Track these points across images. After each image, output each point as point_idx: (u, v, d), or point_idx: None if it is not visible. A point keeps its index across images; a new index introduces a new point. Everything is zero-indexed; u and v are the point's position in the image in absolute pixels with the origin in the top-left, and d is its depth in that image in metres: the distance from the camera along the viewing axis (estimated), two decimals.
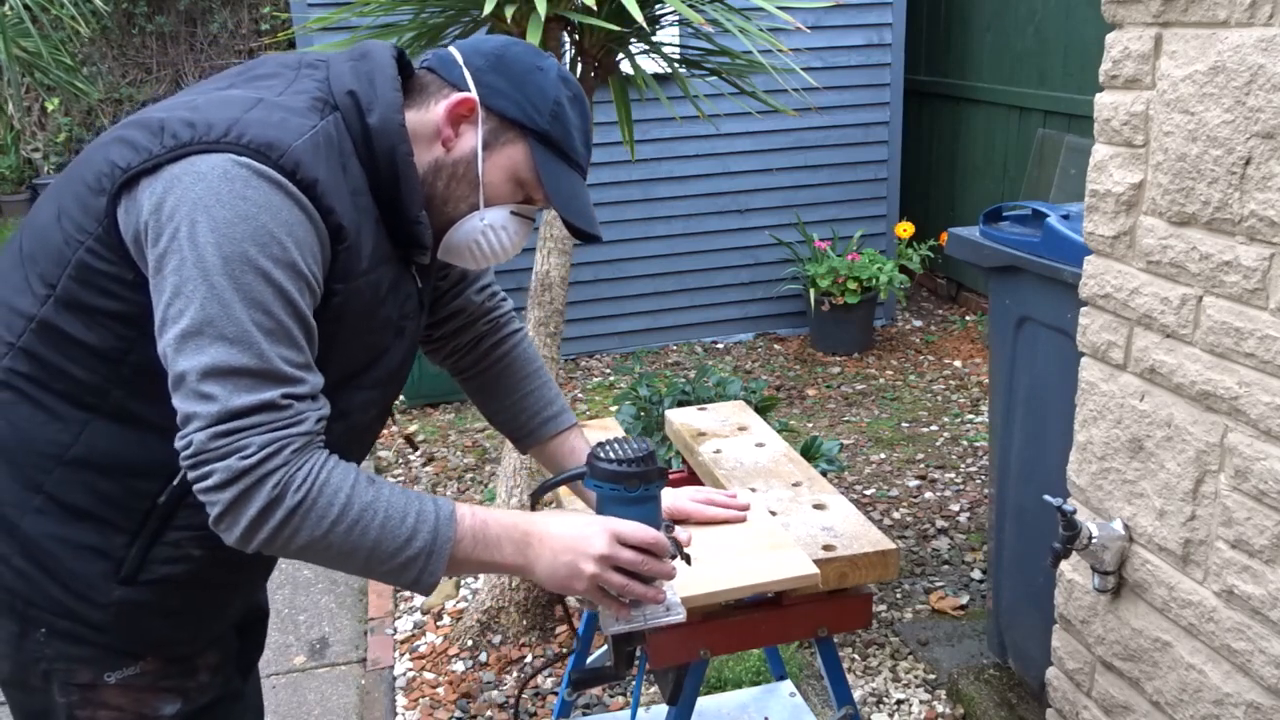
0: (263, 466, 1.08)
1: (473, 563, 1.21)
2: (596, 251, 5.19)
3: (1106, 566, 1.81)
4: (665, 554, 1.26)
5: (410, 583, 1.17)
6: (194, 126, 1.11)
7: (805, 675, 2.71)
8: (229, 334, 1.08)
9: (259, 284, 1.08)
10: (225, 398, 1.07)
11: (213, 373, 1.07)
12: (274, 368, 1.10)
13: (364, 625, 3.08)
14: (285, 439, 1.09)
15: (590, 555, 1.21)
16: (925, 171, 6.27)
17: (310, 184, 1.12)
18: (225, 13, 9.56)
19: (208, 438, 1.07)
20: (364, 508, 1.13)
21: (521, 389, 1.61)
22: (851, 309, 5.15)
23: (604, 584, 1.23)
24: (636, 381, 3.36)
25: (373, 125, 1.20)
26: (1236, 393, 1.52)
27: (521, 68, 1.27)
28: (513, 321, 1.63)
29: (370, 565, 1.15)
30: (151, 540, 1.23)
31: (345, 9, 2.69)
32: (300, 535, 1.11)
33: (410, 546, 1.15)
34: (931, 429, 4.36)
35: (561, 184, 1.29)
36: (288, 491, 1.09)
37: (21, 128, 9.36)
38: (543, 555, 1.22)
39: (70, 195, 1.18)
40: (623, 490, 1.27)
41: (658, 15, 2.77)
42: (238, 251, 1.07)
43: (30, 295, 1.19)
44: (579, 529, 1.23)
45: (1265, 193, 1.44)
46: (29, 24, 6.11)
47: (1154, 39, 1.62)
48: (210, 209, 1.07)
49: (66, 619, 1.25)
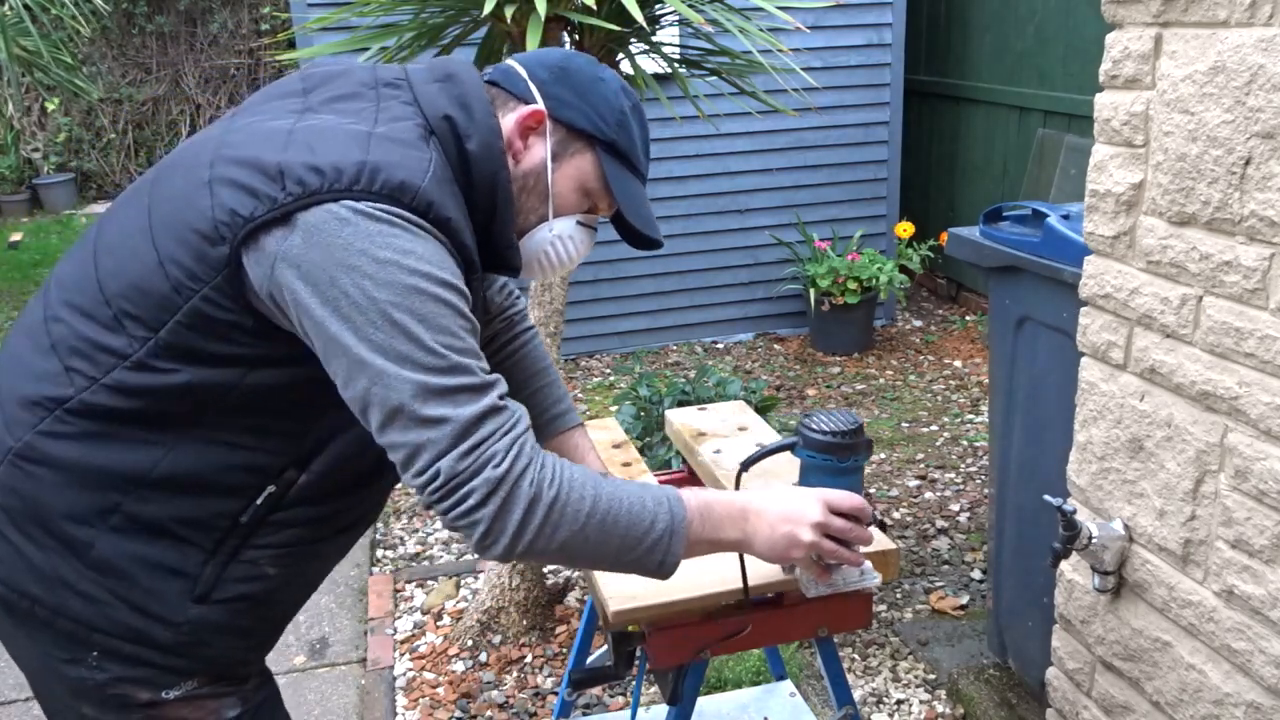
0: (514, 467, 1.10)
1: (701, 543, 1.23)
2: (596, 251, 5.16)
3: (1106, 566, 1.81)
4: (869, 520, 1.32)
5: (654, 567, 1.19)
6: (321, 173, 1.10)
7: (805, 675, 2.71)
8: (429, 363, 1.08)
9: (435, 308, 1.09)
10: (455, 414, 1.09)
11: (431, 395, 1.08)
12: (480, 379, 1.12)
13: (364, 625, 3.08)
14: (521, 438, 1.12)
15: (808, 523, 1.26)
16: (925, 171, 6.27)
17: (444, 222, 1.14)
18: (225, 13, 9.56)
19: (456, 459, 1.08)
20: (610, 498, 1.15)
21: (530, 386, 1.61)
22: (851, 309, 5.15)
23: (818, 550, 1.29)
24: (636, 381, 3.36)
25: (473, 151, 1.21)
26: (1236, 393, 1.52)
27: (585, 79, 1.29)
28: (526, 319, 1.64)
29: (621, 553, 1.17)
30: (229, 558, 1.23)
31: (345, 9, 2.69)
32: (560, 531, 1.13)
33: (654, 530, 1.17)
34: (931, 429, 4.36)
35: (630, 192, 1.31)
36: (544, 487, 1.11)
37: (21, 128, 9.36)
38: (760, 529, 1.26)
39: (174, 239, 1.14)
40: (834, 461, 1.34)
41: (658, 15, 2.77)
42: (404, 285, 1.08)
43: (124, 335, 1.16)
44: (794, 500, 1.28)
45: (1265, 193, 1.44)
46: (29, 23, 6.11)
47: (1154, 39, 1.62)
48: (365, 251, 1.07)
49: (133, 642, 1.23)
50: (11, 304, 6.59)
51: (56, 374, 1.19)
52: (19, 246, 7.99)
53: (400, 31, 2.70)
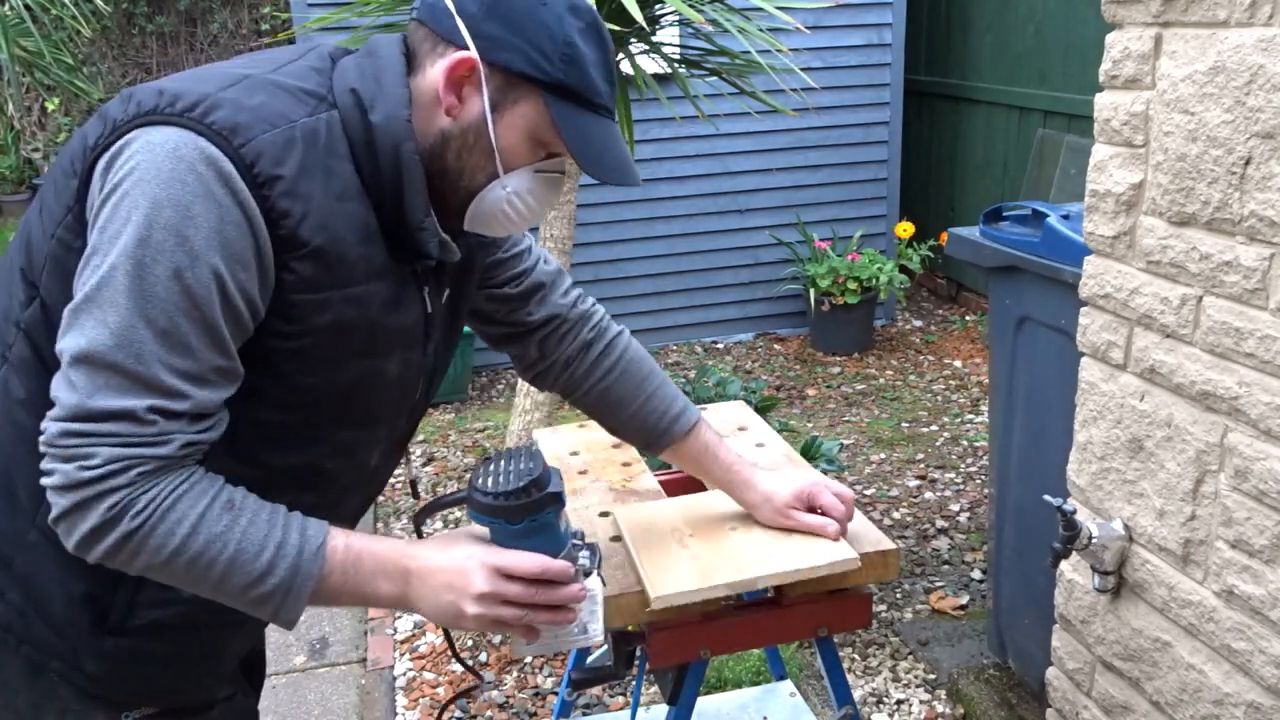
0: (103, 484, 0.99)
1: (346, 597, 1.11)
2: (596, 251, 5.19)
3: (1106, 566, 1.81)
4: (565, 579, 1.14)
5: (269, 616, 1.08)
6: (161, 94, 1.02)
7: (805, 675, 2.71)
8: (112, 322, 0.98)
9: (165, 278, 0.98)
10: (86, 393, 0.98)
11: (83, 360, 0.98)
12: (150, 373, 0.99)
13: (364, 625, 3.08)
14: (136, 459, 0.99)
15: (471, 595, 1.10)
16: (925, 171, 6.27)
17: (267, 180, 1.02)
18: (225, 13, 9.56)
19: (59, 432, 0.99)
20: (210, 540, 1.02)
21: (644, 391, 1.50)
22: (851, 309, 5.15)
23: (495, 619, 1.12)
24: None
25: (376, 123, 1.09)
26: (1236, 393, 1.52)
27: (521, 8, 1.10)
28: (614, 323, 1.53)
29: (223, 597, 1.07)
30: (140, 581, 1.12)
31: (345, 9, 2.69)
32: (138, 560, 1.02)
33: (264, 583, 1.05)
34: (931, 429, 4.36)
35: (588, 137, 1.14)
36: (125, 516, 0.99)
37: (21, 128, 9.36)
38: (424, 594, 1.11)
39: (50, 183, 1.09)
40: (504, 524, 1.14)
41: (658, 15, 2.78)
42: (154, 238, 0.98)
43: (16, 300, 1.10)
44: (458, 564, 1.11)
45: (1265, 193, 1.44)
46: (29, 24, 6.11)
47: (1154, 39, 1.62)
48: (146, 182, 0.98)
49: (61, 660, 1.17)
50: None
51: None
52: None
53: (401, 31, 2.70)
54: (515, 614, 1.13)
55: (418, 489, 4.00)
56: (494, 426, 4.49)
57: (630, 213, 5.21)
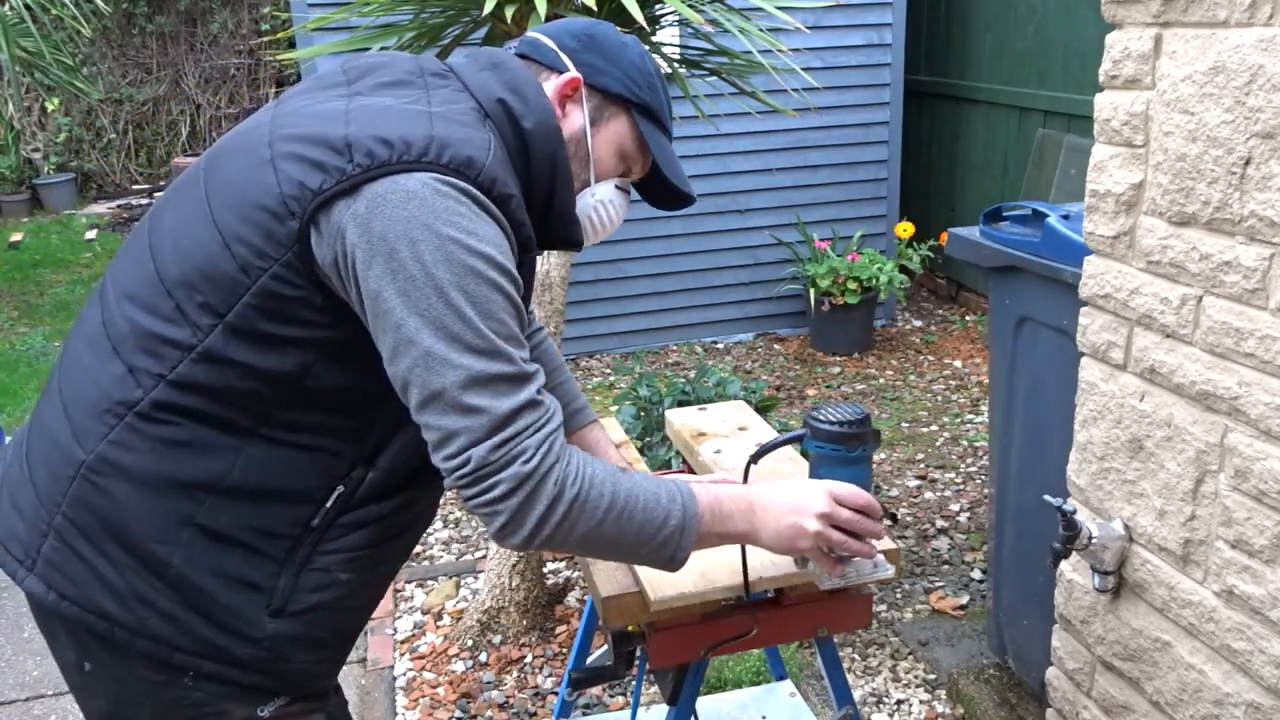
0: (543, 465, 1.11)
1: (711, 536, 1.26)
2: (596, 251, 5.19)
3: (1106, 566, 1.81)
4: (878, 514, 1.32)
5: (666, 560, 1.22)
6: (390, 144, 1.10)
7: (805, 675, 2.71)
8: (477, 346, 1.10)
9: (488, 292, 1.11)
10: (493, 406, 1.10)
11: (473, 383, 1.09)
12: (522, 369, 1.13)
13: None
14: (552, 435, 1.14)
15: (813, 514, 1.27)
16: (925, 171, 6.27)
17: (506, 199, 1.15)
18: (225, 13, 9.56)
19: (489, 450, 1.09)
20: (628, 495, 1.17)
21: (549, 383, 1.60)
22: (851, 309, 5.15)
23: (825, 541, 1.29)
24: (636, 381, 3.36)
25: (530, 130, 1.23)
26: (1236, 393, 1.52)
27: (612, 45, 1.33)
28: (534, 318, 1.64)
29: (636, 547, 1.20)
30: (302, 566, 1.22)
31: (345, 9, 2.69)
32: (579, 526, 1.15)
33: (667, 526, 1.20)
34: (931, 429, 4.36)
35: (665, 152, 1.36)
36: (567, 485, 1.13)
37: (21, 128, 9.36)
38: (768, 522, 1.27)
39: (239, 219, 1.13)
40: (843, 451, 1.36)
41: (658, 15, 2.78)
42: (463, 265, 1.09)
43: (187, 325, 1.15)
44: (800, 493, 1.29)
45: (1265, 193, 1.44)
46: (29, 24, 6.11)
47: (1154, 39, 1.62)
48: (429, 226, 1.08)
49: (214, 660, 1.22)
50: (11, 304, 6.58)
51: (121, 377, 1.17)
52: (19, 246, 8.00)
53: (401, 31, 2.70)
54: (840, 538, 1.30)
55: None
56: None
57: (630, 213, 5.18)
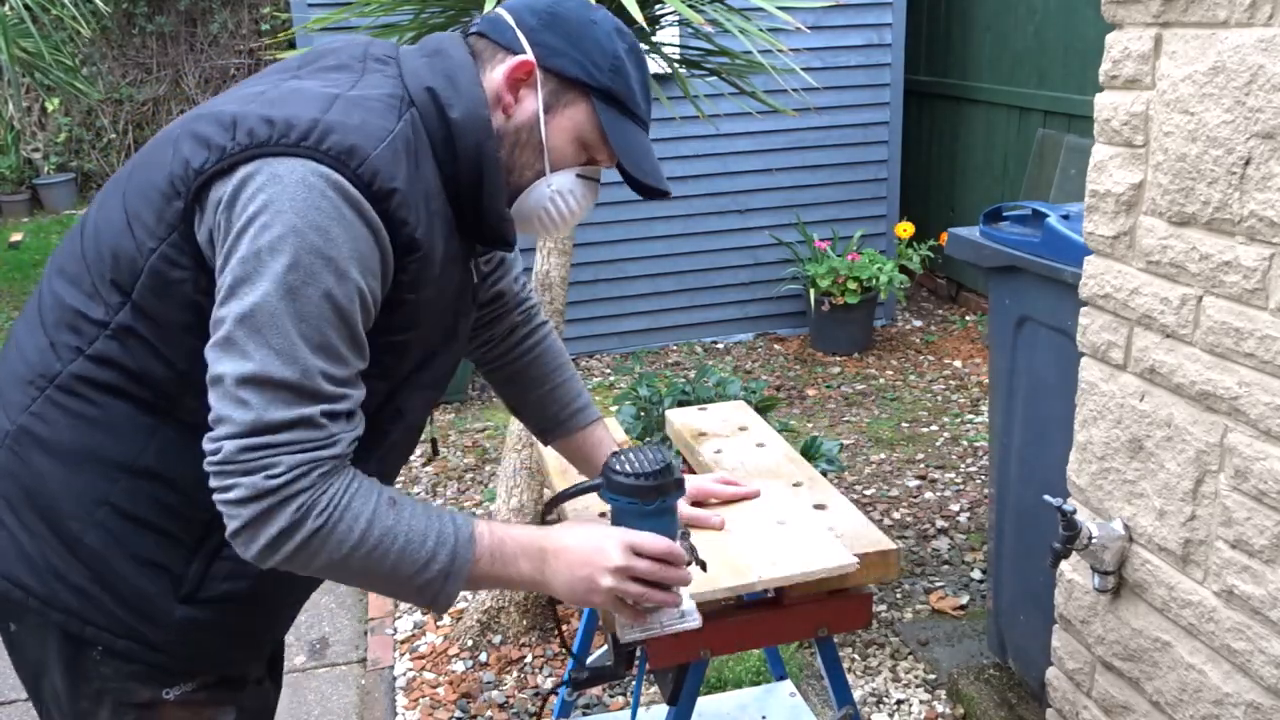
0: (289, 488, 1.06)
1: (490, 579, 1.21)
2: (596, 251, 5.19)
3: (1106, 566, 1.81)
4: (681, 562, 1.26)
5: (427, 602, 1.18)
6: (272, 124, 1.08)
7: (805, 675, 2.71)
8: (275, 344, 1.06)
9: (316, 299, 1.07)
10: (261, 408, 1.05)
11: (252, 381, 1.05)
12: (315, 384, 1.08)
13: (364, 625, 3.08)
14: (315, 461, 1.08)
15: (606, 568, 1.21)
16: (925, 171, 6.27)
17: (386, 194, 1.10)
18: (225, 13, 9.56)
19: (237, 449, 1.06)
20: (384, 533, 1.12)
21: (552, 380, 1.60)
22: (851, 309, 5.15)
23: (621, 595, 1.23)
24: (636, 381, 3.36)
25: (456, 120, 1.18)
26: (1236, 393, 1.52)
27: (576, 23, 1.23)
28: (542, 312, 1.62)
29: (388, 586, 1.16)
30: (214, 555, 1.21)
31: (346, 9, 2.69)
32: (319, 558, 1.10)
33: (429, 570, 1.14)
34: (931, 429, 4.36)
35: (629, 142, 1.25)
36: (309, 516, 1.08)
37: (21, 128, 9.36)
38: (560, 571, 1.21)
39: (140, 197, 1.14)
40: (639, 504, 1.28)
41: (658, 15, 2.78)
42: (302, 263, 1.05)
43: (101, 303, 1.16)
44: (595, 543, 1.22)
45: (1265, 193, 1.44)
46: (29, 24, 6.11)
47: (1154, 39, 1.62)
48: (283, 214, 1.05)
49: (126, 638, 1.22)
50: (12, 304, 6.59)
51: (44, 349, 1.19)
52: (19, 246, 8.00)
53: (401, 31, 2.70)
54: (639, 591, 1.23)
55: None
56: (494, 427, 4.49)
57: (630, 213, 5.21)
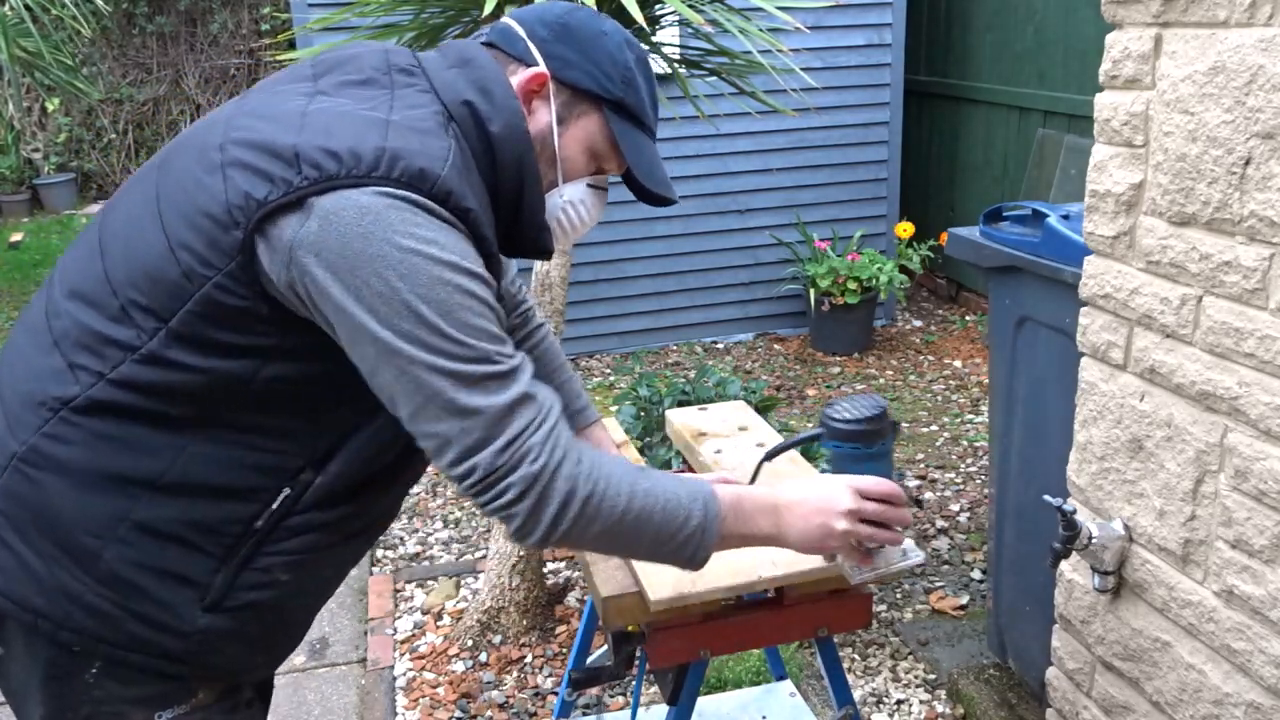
0: (550, 464, 1.10)
1: (733, 537, 1.23)
2: (596, 251, 5.19)
3: (1106, 566, 1.81)
4: (902, 501, 1.31)
5: (686, 560, 1.20)
6: (338, 157, 1.07)
7: (805, 675, 2.71)
8: (456, 352, 1.07)
9: (460, 299, 1.08)
10: (487, 403, 1.08)
11: (462, 385, 1.07)
12: (508, 366, 1.11)
13: (364, 625, 3.08)
14: (554, 431, 1.12)
15: (839, 512, 1.25)
16: (925, 171, 6.27)
17: (464, 212, 1.11)
18: (225, 13, 9.56)
19: (494, 454, 1.08)
20: (646, 493, 1.15)
21: (552, 382, 1.58)
22: (851, 309, 5.15)
23: (854, 537, 1.27)
24: (636, 381, 3.36)
25: (496, 134, 1.18)
26: (1236, 393, 1.52)
27: (587, 35, 1.24)
28: (538, 314, 1.62)
29: (655, 546, 1.18)
30: (242, 565, 1.19)
31: (346, 9, 2.69)
32: (595, 524, 1.13)
33: (688, 525, 1.18)
34: (931, 429, 4.36)
35: (640, 152, 1.27)
36: (578, 483, 1.11)
37: (21, 128, 9.36)
38: (794, 523, 1.26)
39: (186, 225, 1.10)
40: (861, 448, 1.36)
41: (658, 15, 2.78)
42: (429, 276, 1.06)
43: (132, 327, 1.12)
44: (824, 491, 1.27)
45: (1265, 193, 1.44)
46: (29, 24, 6.11)
47: (1154, 39, 1.62)
48: (386, 240, 1.05)
49: (140, 652, 1.19)
50: (12, 304, 6.59)
51: (60, 371, 1.14)
52: (19, 247, 8.00)
53: (401, 32, 2.70)
54: (869, 531, 1.28)
55: None
56: None
57: (630, 213, 5.21)
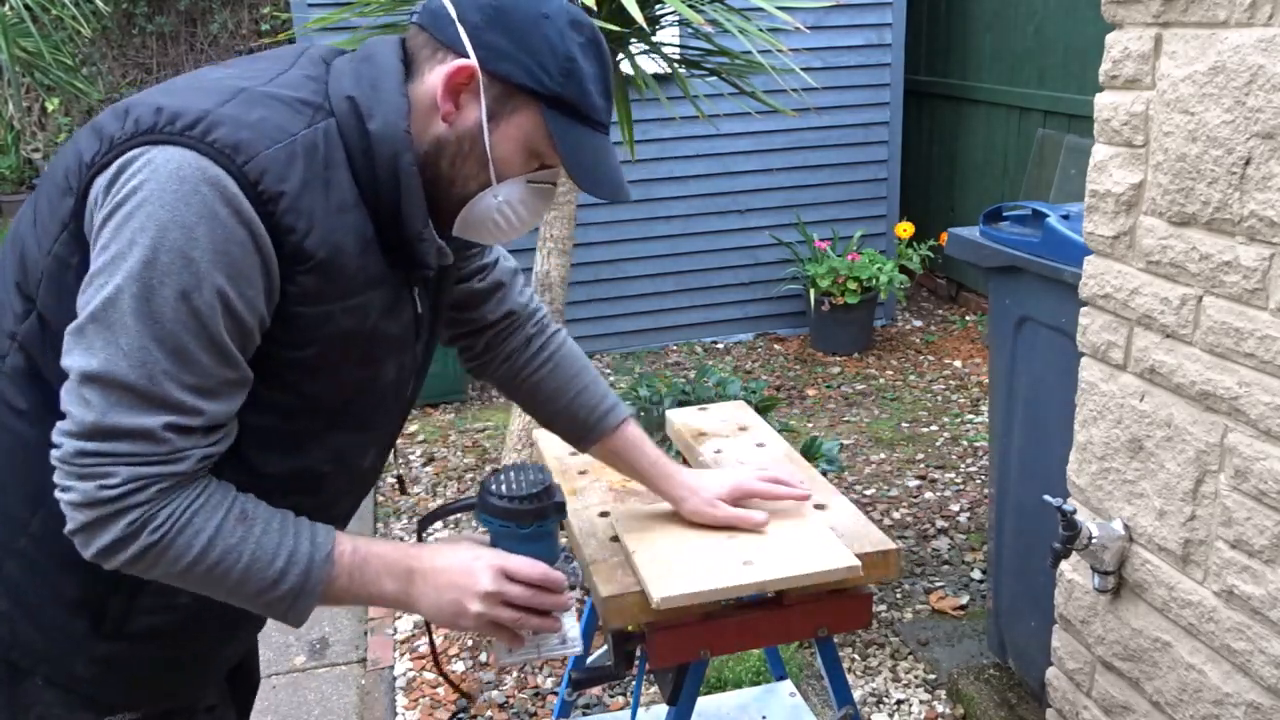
0: (122, 501, 1.01)
1: (351, 597, 1.15)
2: (596, 251, 5.19)
3: (1106, 566, 1.81)
4: (559, 588, 1.21)
5: (279, 618, 1.12)
6: (160, 112, 1.01)
7: (805, 675, 2.71)
8: (123, 344, 0.99)
9: (172, 300, 0.99)
10: (102, 411, 0.99)
11: (96, 379, 0.99)
12: (163, 391, 1.00)
13: (364, 625, 3.08)
14: (154, 477, 1.02)
15: (475, 593, 1.16)
16: (925, 171, 6.27)
17: (272, 197, 1.02)
18: (225, 13, 9.56)
19: (75, 451, 1.00)
20: (226, 551, 1.06)
21: (577, 384, 1.53)
22: (851, 309, 5.15)
23: (493, 620, 1.18)
24: (636, 381, 3.36)
25: (373, 131, 1.09)
26: (1236, 393, 1.52)
27: (524, 20, 1.11)
28: (554, 320, 1.58)
29: (237, 600, 1.11)
30: (135, 590, 1.14)
31: (345, 9, 2.69)
32: (155, 569, 1.05)
33: (277, 589, 1.09)
34: (931, 429, 4.36)
35: (582, 151, 1.15)
36: (144, 531, 1.02)
37: (21, 128, 9.36)
38: (426, 592, 1.16)
39: (44, 197, 1.09)
40: (514, 527, 1.23)
41: (658, 15, 2.78)
42: (160, 261, 0.98)
43: (11, 312, 1.10)
44: (464, 564, 1.17)
45: (1265, 193, 1.44)
46: (29, 24, 6.11)
47: (1154, 39, 1.62)
48: (150, 204, 0.98)
49: (51, 667, 1.17)
50: None
51: None
52: None
53: (400, 32, 2.70)
54: (513, 616, 1.18)
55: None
56: (494, 427, 4.49)
57: (630, 213, 5.22)
